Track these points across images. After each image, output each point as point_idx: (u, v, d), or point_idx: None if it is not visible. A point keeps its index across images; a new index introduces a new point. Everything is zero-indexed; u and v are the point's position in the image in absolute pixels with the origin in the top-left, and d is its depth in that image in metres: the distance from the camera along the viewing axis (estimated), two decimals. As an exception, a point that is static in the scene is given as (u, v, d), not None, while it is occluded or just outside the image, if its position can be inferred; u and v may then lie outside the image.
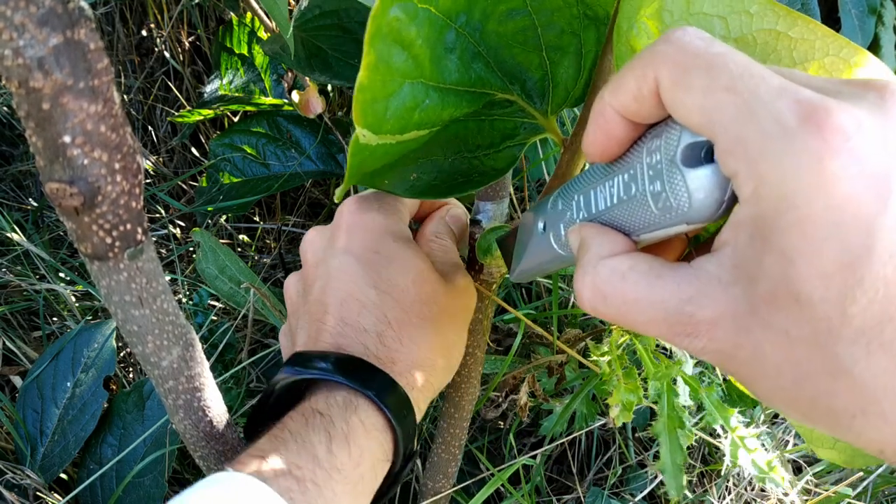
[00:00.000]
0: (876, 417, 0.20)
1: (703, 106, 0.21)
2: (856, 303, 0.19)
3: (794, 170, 0.19)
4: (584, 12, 0.34)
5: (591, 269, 0.25)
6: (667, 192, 0.23)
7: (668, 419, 0.51)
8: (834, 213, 0.19)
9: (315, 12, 0.80)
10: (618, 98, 0.24)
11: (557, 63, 0.36)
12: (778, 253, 0.20)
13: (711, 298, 0.21)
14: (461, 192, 0.39)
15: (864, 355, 0.20)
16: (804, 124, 0.19)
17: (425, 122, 0.33)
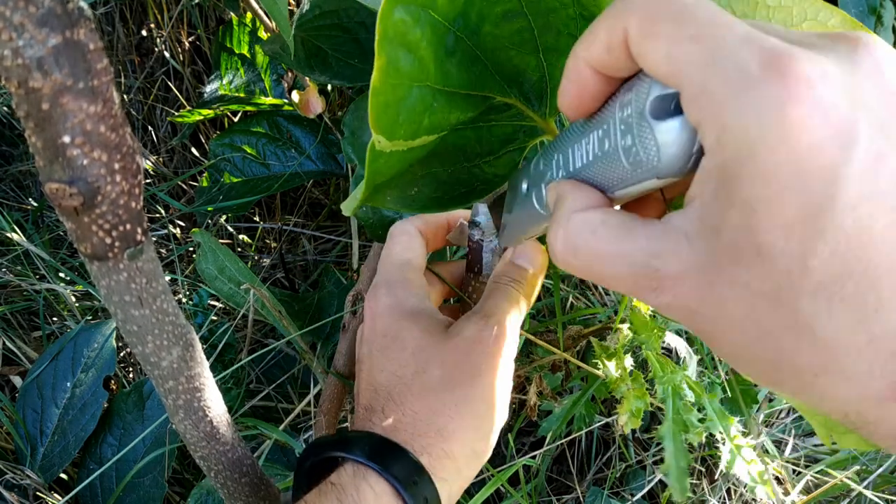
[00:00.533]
0: (837, 375, 0.20)
1: (668, 55, 0.21)
2: (816, 255, 0.19)
3: (756, 118, 0.19)
4: (581, 13, 0.34)
5: (563, 223, 0.25)
6: (637, 146, 0.23)
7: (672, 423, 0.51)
8: (796, 163, 0.18)
9: (315, 12, 0.80)
10: (589, 51, 0.24)
11: (555, 64, 0.36)
12: (740, 203, 0.19)
13: (676, 253, 0.21)
14: (464, 202, 0.39)
15: (826, 311, 0.19)
16: (767, 72, 0.19)
17: (435, 127, 0.33)
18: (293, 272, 1.12)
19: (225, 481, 0.40)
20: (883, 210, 0.18)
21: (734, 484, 0.83)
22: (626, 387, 0.52)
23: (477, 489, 0.72)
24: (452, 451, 0.37)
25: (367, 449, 0.36)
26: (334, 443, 0.38)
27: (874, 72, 0.19)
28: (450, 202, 0.39)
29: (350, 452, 0.36)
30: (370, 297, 0.43)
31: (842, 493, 0.81)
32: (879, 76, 0.19)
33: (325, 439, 0.39)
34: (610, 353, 0.57)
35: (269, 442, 0.74)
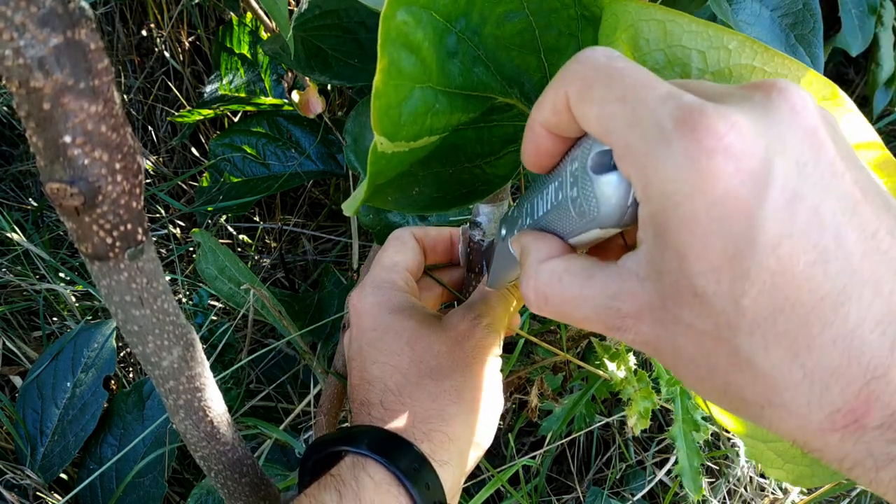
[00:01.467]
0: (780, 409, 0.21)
1: (599, 116, 0.22)
2: (745, 295, 0.20)
3: (674, 171, 0.20)
4: (582, 13, 0.34)
5: (532, 273, 0.27)
6: (581, 198, 0.25)
7: (683, 423, 0.51)
8: (715, 209, 0.19)
9: (315, 12, 0.80)
10: (540, 113, 0.26)
11: (556, 65, 0.36)
12: (673, 249, 0.21)
13: (631, 294, 0.23)
14: (466, 202, 0.39)
15: (762, 347, 0.20)
16: (680, 127, 0.20)
17: (437, 128, 0.33)
18: (293, 272, 1.12)
19: (225, 481, 0.40)
20: (804, 248, 0.19)
21: (735, 485, 0.83)
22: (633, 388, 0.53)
23: (477, 489, 0.72)
24: (454, 434, 0.38)
25: (366, 440, 0.36)
26: (335, 438, 0.38)
27: (789, 114, 0.20)
28: (451, 202, 0.39)
29: (350, 445, 0.36)
30: (356, 297, 0.43)
31: (842, 493, 0.81)
32: (795, 118, 0.20)
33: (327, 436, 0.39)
34: (612, 354, 0.57)
35: (269, 442, 0.74)
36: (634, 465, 0.90)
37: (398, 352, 0.40)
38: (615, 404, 0.90)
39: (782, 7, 0.62)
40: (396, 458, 0.36)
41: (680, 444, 0.50)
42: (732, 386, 0.21)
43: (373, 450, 0.36)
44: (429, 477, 0.36)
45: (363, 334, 0.41)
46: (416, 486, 0.35)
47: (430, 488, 0.36)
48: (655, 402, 0.52)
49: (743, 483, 0.82)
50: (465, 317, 0.42)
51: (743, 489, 0.82)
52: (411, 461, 0.36)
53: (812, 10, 0.63)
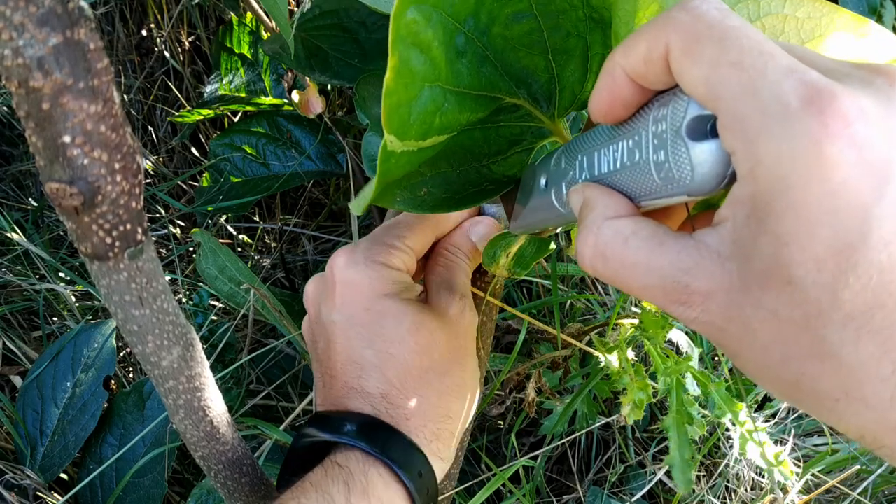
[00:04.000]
0: (858, 402, 0.20)
1: (708, 78, 0.21)
2: (848, 288, 0.19)
3: (792, 152, 0.19)
4: (591, 15, 0.34)
5: (594, 229, 0.25)
6: (670, 163, 0.23)
7: (677, 414, 0.51)
8: (829, 199, 0.19)
9: (315, 12, 0.80)
10: (628, 59, 0.24)
11: (564, 66, 0.36)
12: (772, 235, 0.20)
13: (708, 271, 0.22)
14: (475, 202, 0.39)
15: (853, 340, 0.20)
16: (807, 106, 0.19)
17: (445, 127, 0.33)
18: (293, 272, 1.12)
19: (225, 481, 0.40)
20: None
21: (734, 484, 0.83)
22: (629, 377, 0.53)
23: (477, 489, 0.72)
24: (456, 430, 0.39)
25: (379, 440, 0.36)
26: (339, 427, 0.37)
27: None
28: (460, 202, 0.39)
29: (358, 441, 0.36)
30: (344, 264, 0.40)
31: (842, 493, 0.81)
32: None
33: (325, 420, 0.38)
34: (611, 348, 0.57)
35: (269, 442, 0.74)
36: (634, 466, 0.90)
37: (398, 340, 0.38)
38: (615, 404, 0.90)
39: (782, 7, 0.62)
40: (404, 464, 0.36)
41: (672, 435, 0.50)
42: (807, 376, 0.21)
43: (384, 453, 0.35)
44: (430, 482, 0.37)
45: (353, 311, 0.39)
46: (419, 491, 0.36)
47: (429, 492, 0.37)
48: (650, 394, 0.52)
49: (742, 482, 0.82)
50: (451, 300, 0.41)
51: (742, 489, 0.82)
52: (417, 466, 0.36)
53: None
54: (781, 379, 0.22)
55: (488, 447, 0.90)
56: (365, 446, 0.36)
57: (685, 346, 0.68)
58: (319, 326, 0.41)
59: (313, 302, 0.42)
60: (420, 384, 0.38)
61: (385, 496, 0.35)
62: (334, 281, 0.40)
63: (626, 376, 0.53)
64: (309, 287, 0.43)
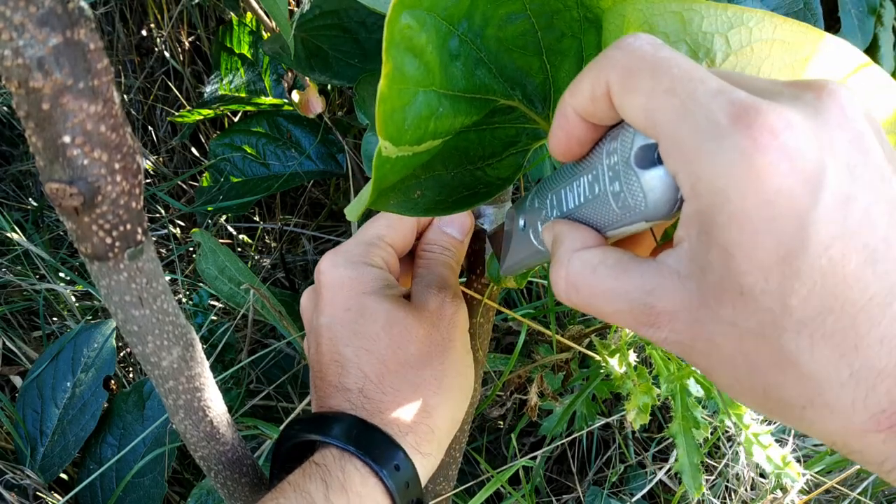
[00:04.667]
0: (823, 408, 0.21)
1: (645, 107, 0.22)
2: (795, 294, 0.20)
3: (726, 167, 0.20)
4: (585, 15, 0.34)
5: (565, 262, 0.26)
6: (625, 192, 0.24)
7: (682, 419, 0.51)
8: (767, 208, 0.19)
9: (315, 12, 0.80)
10: (575, 99, 0.25)
11: (558, 67, 0.36)
12: (720, 247, 0.20)
13: (669, 291, 0.22)
14: (468, 205, 0.39)
15: (808, 346, 0.20)
16: (734, 123, 0.20)
17: (440, 132, 0.33)
18: (293, 272, 1.12)
19: (225, 481, 0.40)
20: (855, 249, 0.19)
21: (734, 484, 0.83)
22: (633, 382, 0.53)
23: (477, 489, 0.72)
24: (437, 426, 0.39)
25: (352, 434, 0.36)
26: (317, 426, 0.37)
27: (839, 117, 0.20)
28: (453, 205, 0.38)
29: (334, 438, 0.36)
30: (327, 266, 0.41)
31: (841, 494, 0.81)
32: (845, 120, 0.20)
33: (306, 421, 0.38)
34: (612, 351, 0.57)
35: (269, 442, 0.74)
36: (634, 466, 0.90)
37: (374, 336, 0.39)
38: (616, 404, 0.90)
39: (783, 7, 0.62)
40: (378, 457, 0.36)
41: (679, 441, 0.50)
42: (773, 386, 0.21)
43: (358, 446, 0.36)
44: (409, 476, 0.37)
45: (335, 312, 0.40)
46: (396, 484, 0.36)
47: (409, 486, 0.37)
48: (654, 397, 0.52)
49: (742, 482, 0.82)
50: (431, 293, 0.41)
51: (742, 489, 0.82)
52: (393, 459, 0.36)
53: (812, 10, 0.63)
54: (751, 390, 0.22)
55: (488, 447, 0.90)
56: (340, 443, 0.36)
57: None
58: (311, 332, 0.42)
59: (306, 311, 0.44)
60: (395, 378, 0.38)
61: (363, 490, 0.35)
62: (320, 285, 0.41)
63: (630, 381, 0.53)
64: (304, 299, 0.44)
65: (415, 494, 0.37)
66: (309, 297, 0.44)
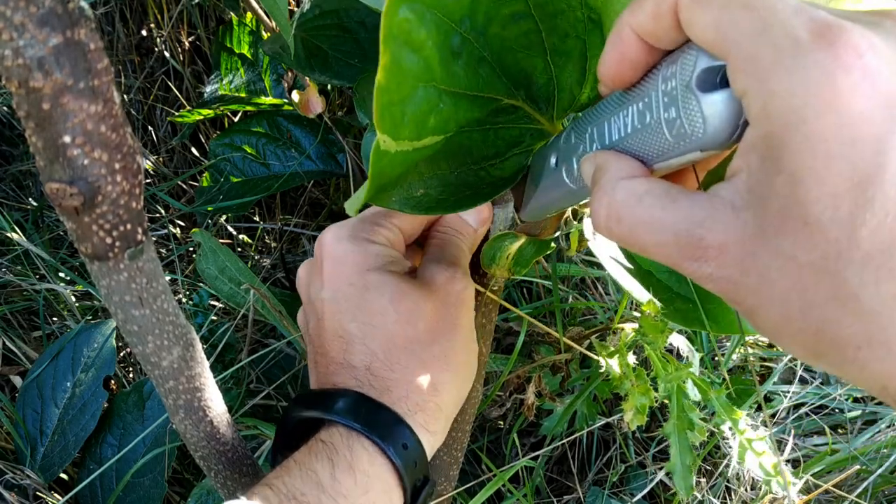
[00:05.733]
0: (881, 347, 0.20)
1: (718, 21, 0.21)
2: (865, 225, 0.19)
3: (805, 85, 0.19)
4: (589, 16, 0.34)
5: (609, 190, 0.25)
6: (682, 118, 0.23)
7: (677, 420, 0.51)
8: (844, 131, 0.18)
9: (315, 12, 0.80)
10: (636, 16, 0.24)
11: (562, 67, 0.36)
12: (787, 173, 0.19)
13: (722, 223, 0.21)
14: (470, 204, 0.39)
15: (873, 281, 0.19)
16: (817, 40, 0.19)
17: (440, 128, 0.33)
18: (293, 272, 1.12)
19: (225, 481, 0.40)
20: None
21: (734, 484, 0.83)
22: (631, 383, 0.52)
23: (477, 489, 0.72)
24: (444, 403, 0.38)
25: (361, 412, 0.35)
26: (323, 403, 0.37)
27: None
28: (456, 204, 0.38)
29: (342, 416, 0.35)
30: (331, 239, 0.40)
31: (841, 495, 0.81)
32: None
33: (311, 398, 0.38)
34: (611, 352, 0.57)
35: (269, 442, 0.74)
36: (634, 466, 0.90)
37: (380, 312, 0.38)
38: (616, 404, 0.90)
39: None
40: (387, 436, 0.35)
41: (673, 441, 0.50)
42: (828, 324, 0.20)
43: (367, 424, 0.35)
44: (417, 455, 0.36)
45: (338, 286, 0.39)
46: (405, 463, 0.35)
47: (416, 465, 0.36)
48: (652, 399, 0.52)
49: (741, 482, 0.82)
50: (440, 269, 0.40)
51: (742, 489, 0.82)
52: (401, 437, 0.36)
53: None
54: (802, 330, 0.21)
55: (489, 447, 0.90)
56: (348, 421, 0.35)
57: (685, 351, 0.68)
58: (309, 306, 0.41)
59: (304, 284, 0.42)
60: (404, 354, 0.38)
61: (371, 470, 0.34)
62: (322, 258, 0.40)
63: (628, 382, 0.53)
64: (300, 271, 0.43)
65: (422, 472, 0.37)
66: (307, 269, 0.42)
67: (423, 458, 0.36)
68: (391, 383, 0.37)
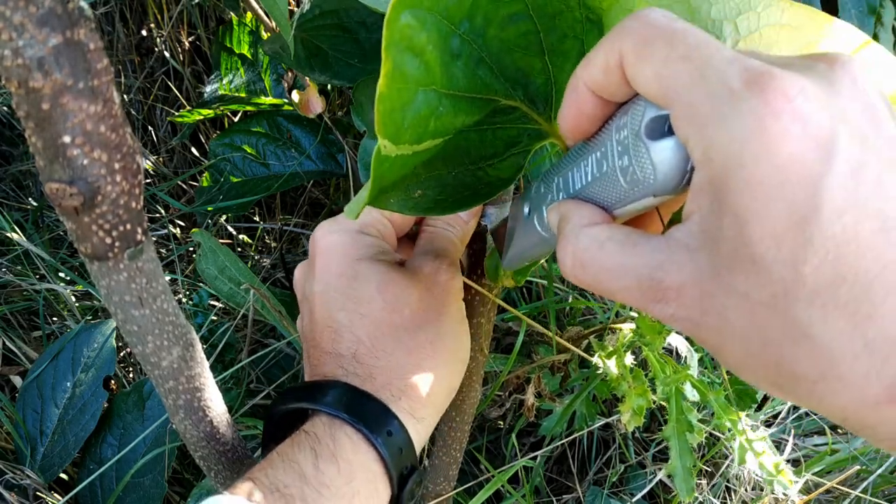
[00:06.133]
0: (836, 381, 0.20)
1: (659, 74, 0.22)
2: (807, 263, 0.19)
3: (740, 131, 0.20)
4: (587, 16, 0.34)
5: (572, 238, 0.26)
6: (633, 166, 0.24)
7: (676, 423, 0.51)
8: (779, 173, 0.19)
9: (315, 12, 0.80)
10: (588, 71, 0.25)
11: (560, 67, 0.36)
12: (732, 214, 0.20)
13: (678, 264, 0.22)
14: (469, 205, 0.39)
15: (821, 317, 0.20)
16: (749, 87, 0.20)
17: (440, 131, 0.33)
18: (293, 272, 1.12)
19: (225, 481, 0.40)
20: (868, 217, 0.19)
21: (734, 484, 0.83)
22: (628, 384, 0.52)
23: (477, 489, 0.72)
24: (432, 390, 0.38)
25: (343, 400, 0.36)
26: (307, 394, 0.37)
27: (851, 87, 0.20)
28: (453, 205, 0.38)
29: (325, 405, 0.35)
30: (321, 232, 0.41)
31: (841, 493, 0.81)
32: (856, 90, 0.20)
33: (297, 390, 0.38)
34: (610, 353, 0.57)
35: (269, 442, 0.74)
36: (634, 466, 0.90)
37: (368, 299, 0.38)
38: (616, 404, 0.90)
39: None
40: (370, 423, 0.35)
41: (673, 444, 0.50)
42: (785, 360, 0.21)
43: (350, 412, 0.35)
44: (402, 441, 0.36)
45: (329, 278, 0.40)
46: (389, 450, 0.35)
47: (402, 452, 0.36)
48: (650, 400, 0.52)
49: (742, 482, 0.82)
50: (427, 259, 0.41)
51: (742, 489, 0.82)
52: (385, 424, 0.36)
53: (812, 10, 0.63)
54: (763, 366, 0.22)
55: (488, 447, 0.90)
56: (331, 409, 0.35)
57: (684, 351, 0.68)
58: (303, 302, 0.42)
59: (300, 283, 0.43)
60: (389, 341, 0.38)
61: (354, 459, 0.34)
62: (314, 253, 0.41)
63: (625, 383, 0.53)
64: (297, 272, 0.44)
65: (409, 460, 0.37)
66: (302, 269, 0.43)
67: (409, 446, 0.36)
68: (375, 370, 0.37)
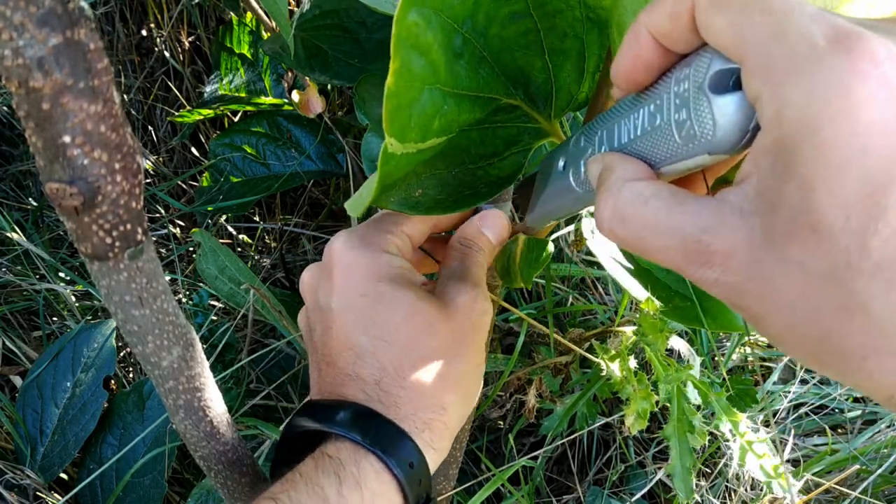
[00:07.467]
0: (888, 357, 0.20)
1: (735, 24, 0.21)
2: (877, 235, 0.18)
3: (820, 92, 0.18)
4: (587, 15, 0.34)
5: (614, 191, 0.24)
6: (692, 120, 0.23)
7: (678, 423, 0.51)
8: (859, 139, 0.18)
9: (315, 12, 0.80)
10: (653, 17, 0.24)
11: (560, 66, 0.36)
12: (798, 180, 0.19)
13: (729, 228, 0.21)
14: (469, 204, 0.39)
15: (882, 291, 0.19)
16: (834, 47, 0.19)
17: (444, 129, 0.33)
18: (293, 272, 1.12)
19: (225, 481, 0.40)
20: None
21: (734, 484, 0.83)
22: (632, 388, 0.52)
23: (477, 489, 0.72)
24: (450, 423, 0.38)
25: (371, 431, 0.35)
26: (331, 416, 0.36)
27: None
28: (454, 204, 0.38)
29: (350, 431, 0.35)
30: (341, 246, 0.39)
31: (841, 493, 0.81)
32: None
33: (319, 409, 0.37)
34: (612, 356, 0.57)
35: (269, 442, 0.74)
36: (634, 465, 0.90)
37: (394, 327, 0.37)
38: (616, 404, 0.90)
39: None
40: (395, 454, 0.35)
41: (673, 444, 0.50)
42: (834, 333, 0.20)
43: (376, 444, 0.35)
44: (422, 473, 0.36)
45: (349, 297, 0.38)
46: (410, 482, 0.35)
47: (420, 483, 0.36)
48: (653, 403, 0.52)
49: (741, 482, 0.82)
50: (461, 288, 0.39)
51: (742, 489, 0.82)
52: (409, 456, 0.35)
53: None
54: (806, 338, 0.21)
55: (488, 447, 0.90)
56: (356, 437, 0.35)
57: (686, 353, 0.68)
58: (316, 312, 0.41)
59: (310, 289, 0.42)
60: (415, 372, 0.37)
61: (377, 488, 0.34)
62: (332, 265, 0.39)
63: (629, 386, 0.53)
64: (305, 275, 0.42)
65: (425, 489, 0.37)
66: (314, 274, 0.42)
67: (427, 476, 0.36)
68: (400, 400, 0.37)
